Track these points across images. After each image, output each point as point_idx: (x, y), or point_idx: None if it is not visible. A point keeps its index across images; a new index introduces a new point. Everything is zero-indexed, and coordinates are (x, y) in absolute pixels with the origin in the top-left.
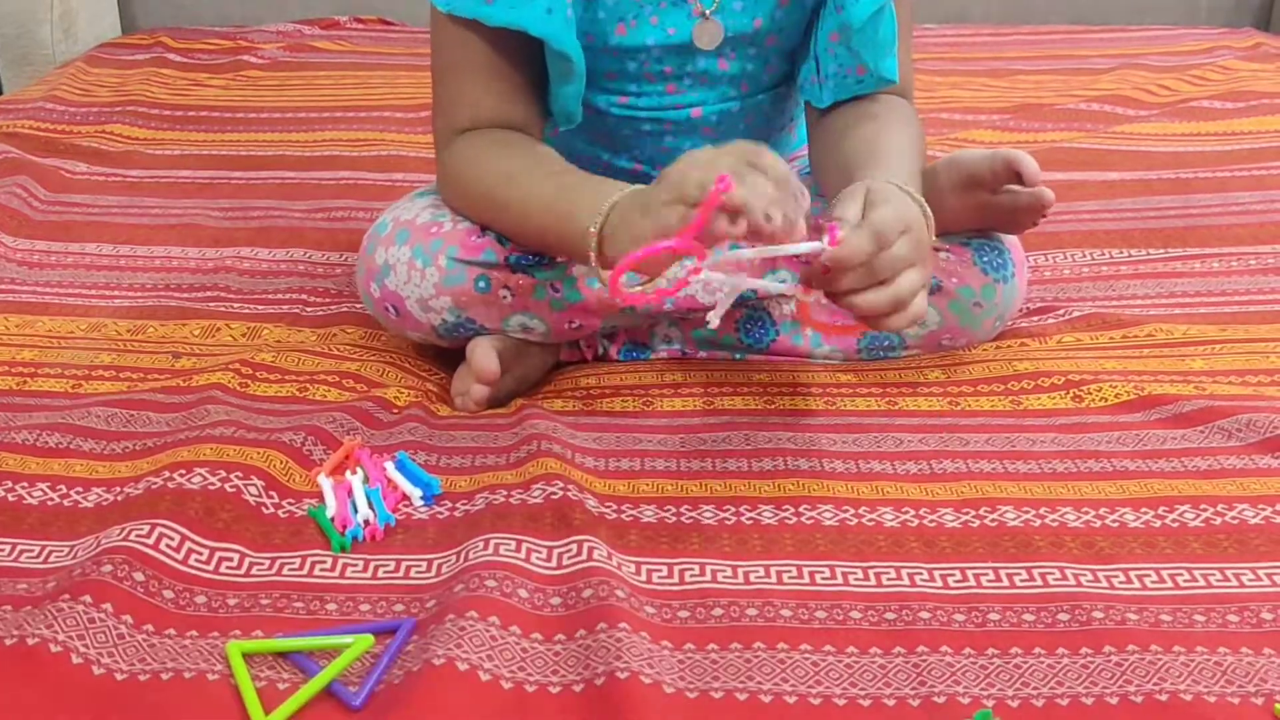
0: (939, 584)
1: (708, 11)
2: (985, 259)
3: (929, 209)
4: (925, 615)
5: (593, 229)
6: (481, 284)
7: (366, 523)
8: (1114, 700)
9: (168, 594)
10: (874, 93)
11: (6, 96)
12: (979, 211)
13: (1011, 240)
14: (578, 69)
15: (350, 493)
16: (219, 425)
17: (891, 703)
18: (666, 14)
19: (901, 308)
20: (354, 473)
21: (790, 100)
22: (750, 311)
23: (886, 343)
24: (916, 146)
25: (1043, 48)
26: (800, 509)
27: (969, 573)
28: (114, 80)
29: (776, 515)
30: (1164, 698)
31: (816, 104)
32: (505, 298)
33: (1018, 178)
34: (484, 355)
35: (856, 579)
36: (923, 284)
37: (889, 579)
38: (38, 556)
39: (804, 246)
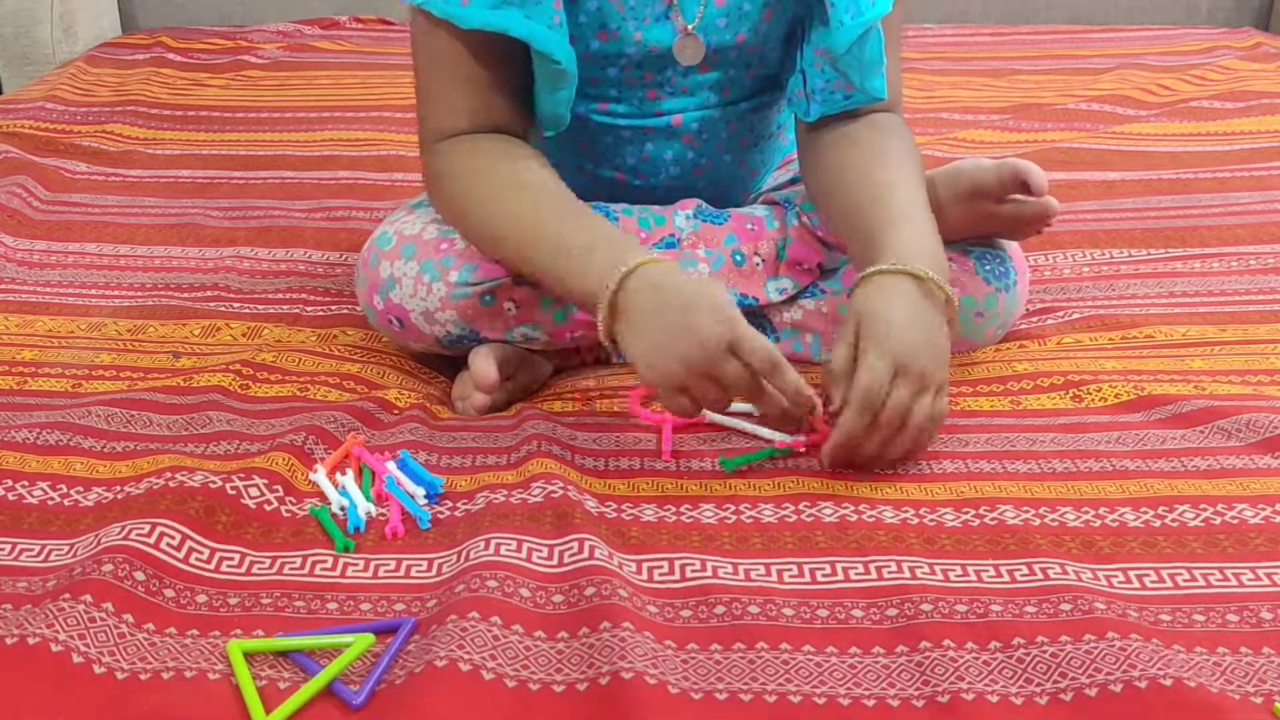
0: (940, 577)
1: (689, 27)
2: (987, 268)
3: (948, 286)
4: (927, 607)
5: (602, 308)
6: (487, 298)
7: (369, 515)
8: (1117, 688)
9: (169, 593)
10: (862, 108)
11: (6, 96)
12: (982, 221)
13: (1013, 247)
14: (569, 73)
15: (356, 479)
16: (221, 439)
17: (896, 703)
18: (649, 29)
19: (922, 442)
20: (344, 473)
21: (776, 109)
22: (751, 320)
23: None
24: (917, 179)
25: (1043, 48)
26: (800, 506)
27: (970, 569)
28: (114, 80)
29: (776, 513)
30: (1168, 682)
31: (804, 118)
32: (510, 310)
33: (1024, 188)
34: (484, 364)
35: (857, 573)
36: (936, 399)
37: (890, 572)
38: (38, 555)
39: (780, 436)
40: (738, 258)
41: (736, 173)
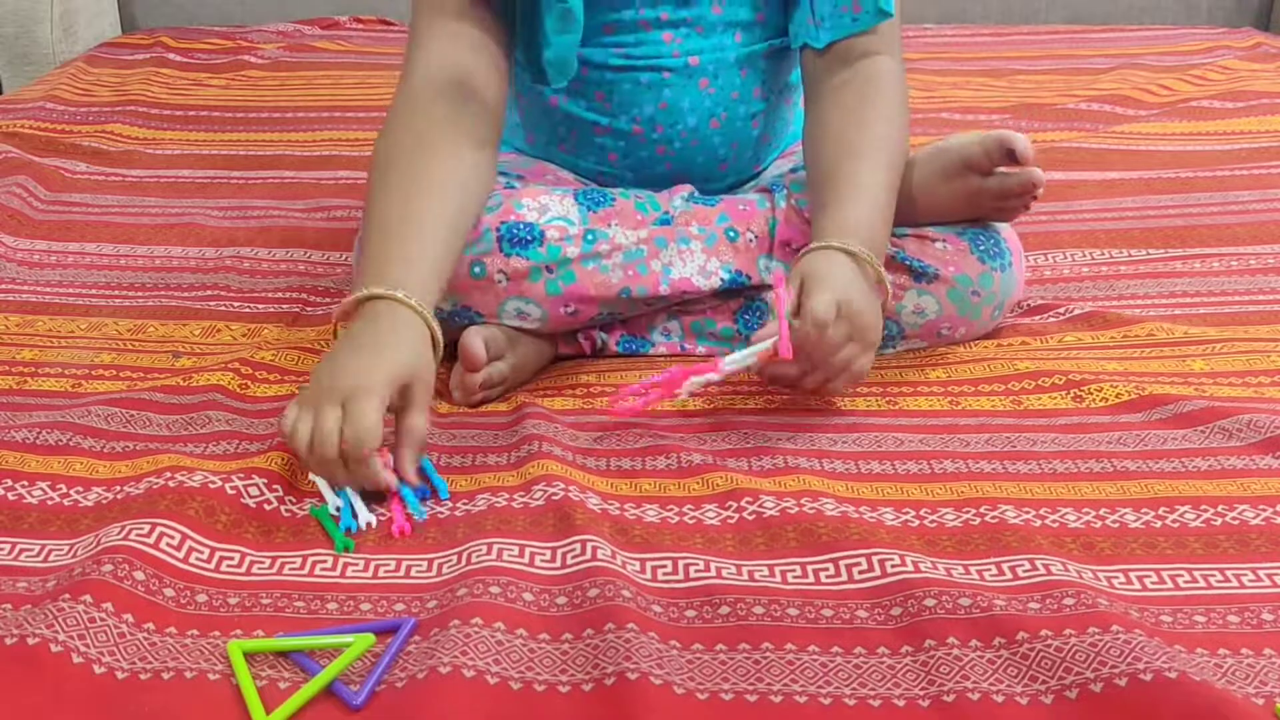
0: (942, 573)
1: None
2: (982, 248)
3: (880, 265)
4: (930, 602)
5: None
6: (477, 269)
7: (369, 525)
8: (1123, 682)
9: (168, 593)
10: (862, 63)
11: (6, 96)
12: (969, 199)
13: (1006, 229)
14: (576, 14)
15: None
16: (220, 439)
17: (901, 703)
18: None
19: (837, 387)
20: None
21: (787, 62)
22: (748, 301)
23: (886, 333)
24: (884, 151)
25: (1043, 48)
26: (801, 501)
27: (971, 568)
28: (114, 80)
29: (778, 506)
30: (1173, 675)
31: (814, 44)
32: (500, 282)
33: (1011, 157)
34: (470, 342)
35: (861, 570)
36: (863, 355)
37: (893, 565)
38: (38, 555)
39: (748, 354)
40: (731, 234)
41: (749, 132)
